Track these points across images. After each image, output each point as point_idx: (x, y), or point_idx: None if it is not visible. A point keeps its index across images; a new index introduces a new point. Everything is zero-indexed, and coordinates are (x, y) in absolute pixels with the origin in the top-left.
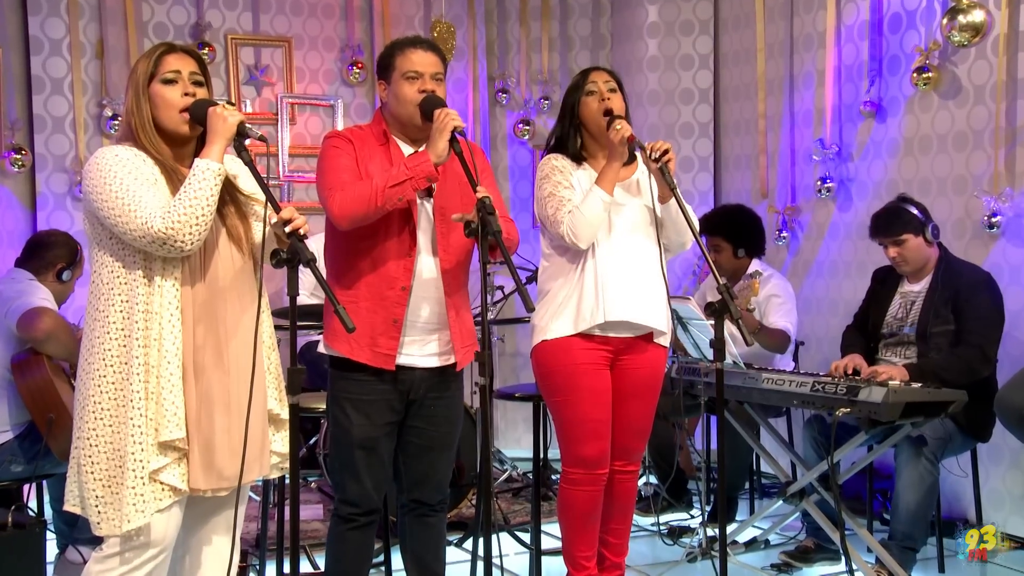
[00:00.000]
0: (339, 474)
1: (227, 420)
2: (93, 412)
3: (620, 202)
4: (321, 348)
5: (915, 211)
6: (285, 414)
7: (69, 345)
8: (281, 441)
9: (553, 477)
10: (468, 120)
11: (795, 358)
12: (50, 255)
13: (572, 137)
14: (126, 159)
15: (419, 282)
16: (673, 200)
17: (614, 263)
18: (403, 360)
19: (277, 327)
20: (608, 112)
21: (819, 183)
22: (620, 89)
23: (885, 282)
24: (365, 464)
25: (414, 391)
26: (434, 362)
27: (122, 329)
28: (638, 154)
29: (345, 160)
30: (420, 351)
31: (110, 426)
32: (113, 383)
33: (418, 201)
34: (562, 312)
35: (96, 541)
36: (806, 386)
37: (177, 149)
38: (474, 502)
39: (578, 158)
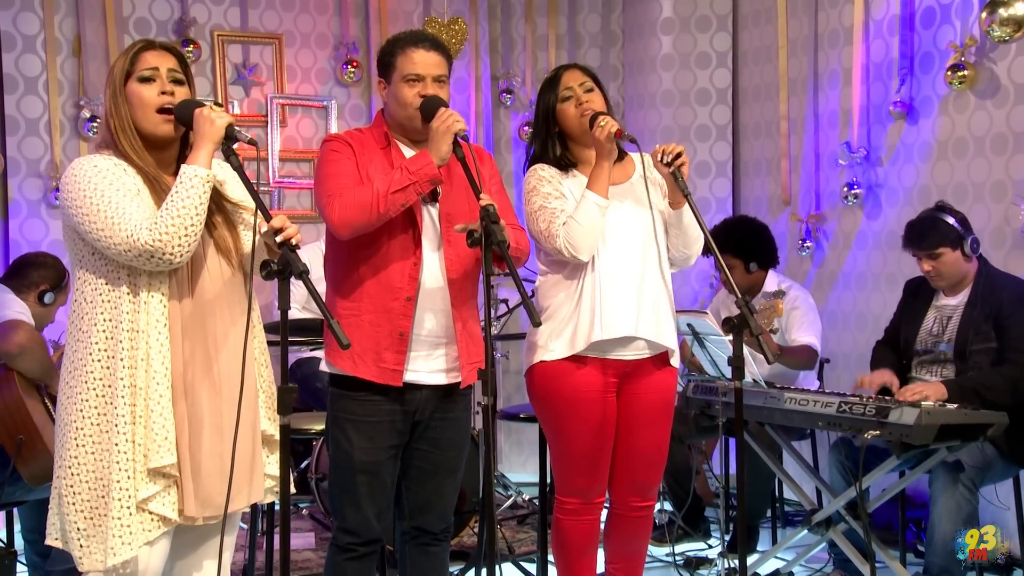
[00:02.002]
0: (338, 501)
1: (218, 442)
2: (75, 439)
3: (620, 209)
4: (323, 366)
5: (953, 222)
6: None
7: (44, 362)
8: (276, 464)
9: None
10: (470, 122)
11: (820, 377)
12: (35, 275)
13: (553, 146)
14: (106, 169)
15: (424, 292)
16: (685, 208)
17: (615, 276)
18: (410, 377)
19: (268, 343)
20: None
21: (845, 189)
22: (598, 86)
23: (918, 294)
24: (366, 490)
25: (420, 411)
26: (441, 379)
27: (105, 350)
28: (646, 156)
29: (345, 165)
30: (427, 367)
31: (92, 453)
32: (96, 407)
33: (423, 206)
34: (562, 332)
35: (72, 574)
36: (832, 407)
37: (158, 154)
38: (476, 530)
39: (564, 167)
